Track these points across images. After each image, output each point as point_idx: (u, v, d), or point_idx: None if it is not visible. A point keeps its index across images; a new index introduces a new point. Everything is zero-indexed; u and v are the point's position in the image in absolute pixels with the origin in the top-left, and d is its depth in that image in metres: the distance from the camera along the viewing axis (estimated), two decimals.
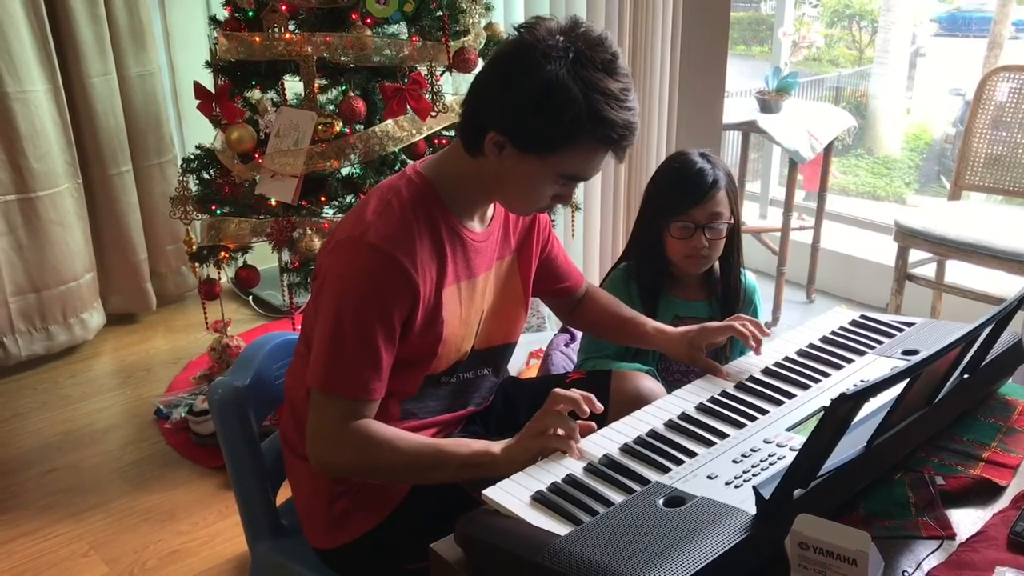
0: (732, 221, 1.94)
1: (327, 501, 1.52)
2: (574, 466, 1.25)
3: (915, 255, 3.23)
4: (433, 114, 2.58)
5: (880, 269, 3.69)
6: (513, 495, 1.19)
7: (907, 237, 3.11)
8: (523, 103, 1.35)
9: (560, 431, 1.32)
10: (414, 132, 2.61)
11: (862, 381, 1.03)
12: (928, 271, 3.39)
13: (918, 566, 1.11)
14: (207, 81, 2.74)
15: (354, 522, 1.51)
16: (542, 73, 1.33)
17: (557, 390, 1.37)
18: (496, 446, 1.37)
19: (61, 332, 3.44)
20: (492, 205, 1.58)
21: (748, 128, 3.55)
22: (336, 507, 1.51)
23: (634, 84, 1.44)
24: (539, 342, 3.08)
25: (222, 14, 2.74)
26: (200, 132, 3.16)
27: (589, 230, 3.23)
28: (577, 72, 1.33)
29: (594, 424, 1.37)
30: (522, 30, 1.39)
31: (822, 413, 1.03)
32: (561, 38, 1.35)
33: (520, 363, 3.02)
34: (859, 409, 1.06)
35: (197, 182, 2.81)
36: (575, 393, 1.35)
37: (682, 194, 1.90)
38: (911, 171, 4.19)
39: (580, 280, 1.86)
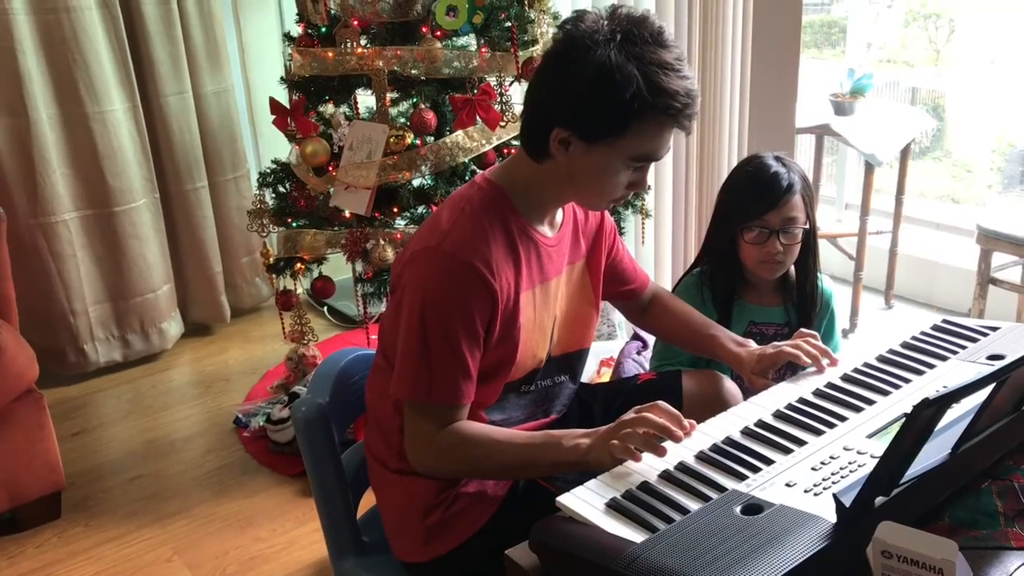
0: (808, 226, 1.90)
1: (422, 513, 1.52)
2: (649, 473, 1.24)
3: (998, 258, 3.14)
4: (502, 124, 2.59)
5: (962, 274, 3.58)
6: (588, 502, 1.18)
7: (990, 240, 3.02)
8: (581, 91, 1.36)
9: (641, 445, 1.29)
10: (484, 142, 2.63)
11: (945, 386, 1.00)
12: (1012, 275, 3.28)
13: None
14: (282, 97, 2.81)
15: (449, 533, 1.51)
16: (593, 58, 1.35)
17: (649, 416, 1.32)
18: (584, 442, 1.35)
19: (138, 341, 3.56)
20: (561, 210, 1.59)
21: (822, 131, 3.49)
22: (432, 519, 1.52)
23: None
24: (610, 350, 3.07)
25: (296, 31, 2.81)
26: (275, 147, 3.23)
27: (660, 237, 3.21)
28: (628, 50, 1.34)
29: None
30: (567, 25, 1.41)
31: (904, 419, 1.01)
32: (605, 23, 1.37)
33: (591, 371, 3.01)
34: (942, 415, 1.03)
35: (273, 196, 2.88)
36: (661, 419, 1.31)
37: (756, 198, 1.87)
38: (993, 173, 4.07)
39: (645, 283, 1.86)
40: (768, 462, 1.24)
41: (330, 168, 2.65)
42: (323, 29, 2.67)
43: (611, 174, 1.42)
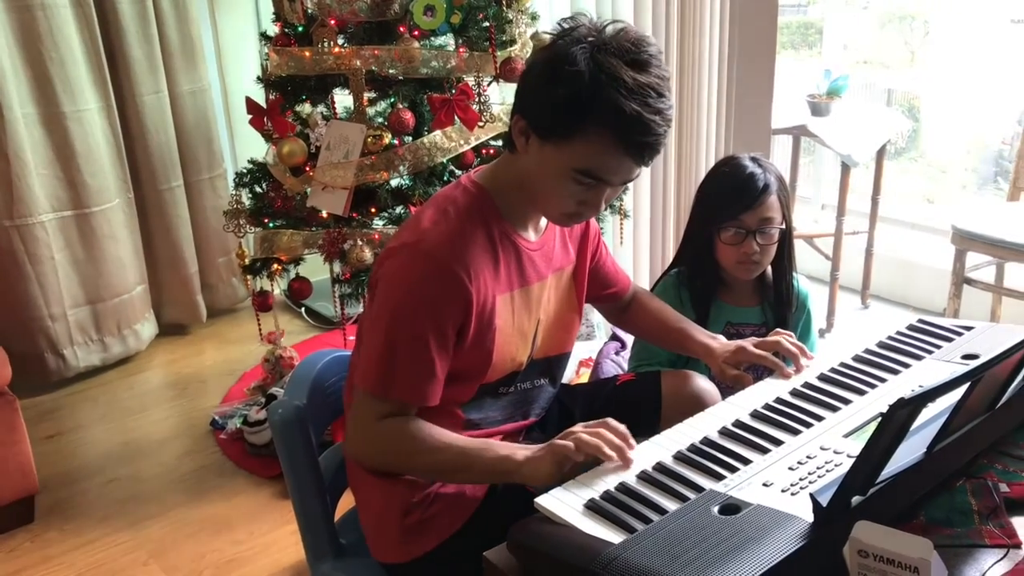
0: (784, 226, 1.91)
1: (401, 513, 1.51)
2: (627, 474, 1.25)
3: (973, 258, 3.16)
4: (481, 124, 2.59)
5: (937, 273, 3.61)
6: (566, 503, 1.18)
7: (965, 240, 3.05)
8: (534, 79, 1.38)
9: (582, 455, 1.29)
10: (462, 142, 2.63)
11: (920, 386, 1.00)
12: (987, 275, 3.31)
13: (983, 575, 1.09)
14: (258, 96, 2.79)
15: (428, 533, 1.50)
16: (554, 50, 1.35)
17: (591, 439, 1.29)
18: (521, 453, 1.35)
19: (116, 343, 3.52)
20: None
21: (799, 132, 3.51)
22: (410, 519, 1.51)
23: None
24: (589, 351, 3.07)
25: (272, 30, 2.79)
26: (252, 147, 3.21)
27: (638, 237, 3.22)
28: (592, 54, 1.31)
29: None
30: (561, 22, 1.41)
31: (880, 419, 1.02)
32: (591, 29, 1.35)
33: (570, 372, 3.01)
34: (918, 414, 1.04)
35: (250, 196, 2.86)
36: (611, 444, 1.29)
37: (733, 199, 1.88)
38: (967, 174, 4.11)
39: (627, 285, 1.86)
40: (745, 462, 1.24)
41: (307, 168, 2.64)
42: (300, 28, 2.66)
43: (556, 180, 1.39)
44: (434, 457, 1.42)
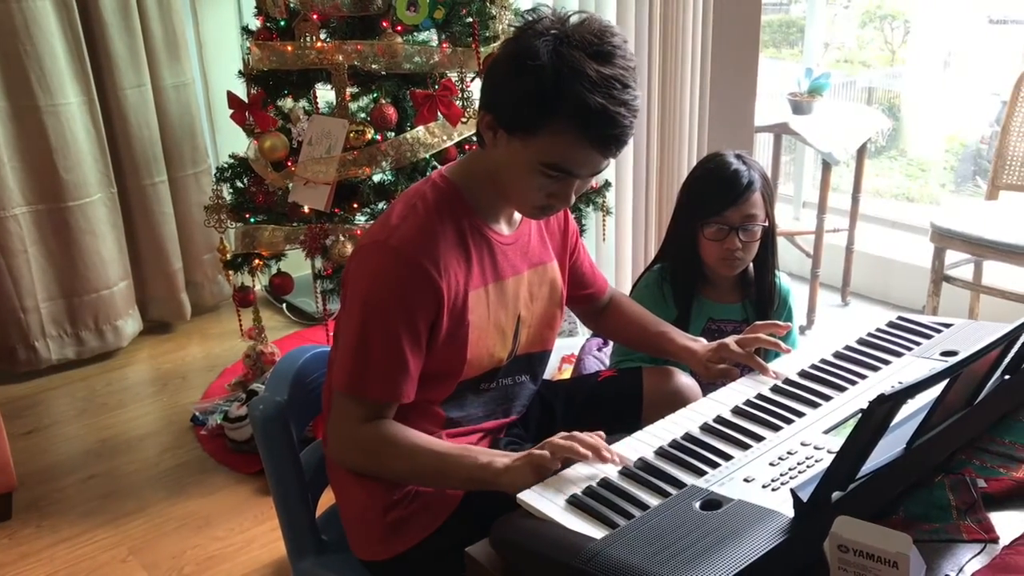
0: (767, 223, 1.92)
1: (382, 511, 1.51)
2: (609, 470, 1.25)
3: (952, 256, 3.19)
4: (464, 120, 2.58)
5: (916, 271, 3.64)
6: (548, 499, 1.18)
7: (943, 238, 3.07)
8: (498, 73, 1.38)
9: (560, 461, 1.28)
10: (445, 138, 2.62)
11: (900, 382, 1.01)
12: (965, 272, 3.34)
13: (960, 570, 1.10)
14: (240, 91, 2.77)
15: (409, 530, 1.50)
16: (516, 45, 1.35)
17: (564, 443, 1.29)
18: (500, 461, 1.34)
19: (92, 338, 3.49)
20: None
21: (780, 130, 3.52)
22: (391, 516, 1.50)
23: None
24: (571, 347, 3.07)
25: (254, 24, 2.78)
26: (234, 141, 3.19)
27: (621, 234, 3.22)
28: (555, 48, 1.31)
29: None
30: (524, 15, 1.40)
31: (860, 415, 1.02)
32: (555, 22, 1.35)
33: (553, 368, 3.01)
34: (898, 410, 1.05)
35: (231, 191, 2.85)
36: (585, 444, 1.29)
37: (717, 195, 1.89)
38: (946, 172, 4.14)
39: (604, 287, 1.86)
40: (727, 458, 1.25)
41: (289, 163, 2.63)
42: (282, 22, 2.65)
43: (524, 173, 1.39)
44: (413, 461, 1.42)
